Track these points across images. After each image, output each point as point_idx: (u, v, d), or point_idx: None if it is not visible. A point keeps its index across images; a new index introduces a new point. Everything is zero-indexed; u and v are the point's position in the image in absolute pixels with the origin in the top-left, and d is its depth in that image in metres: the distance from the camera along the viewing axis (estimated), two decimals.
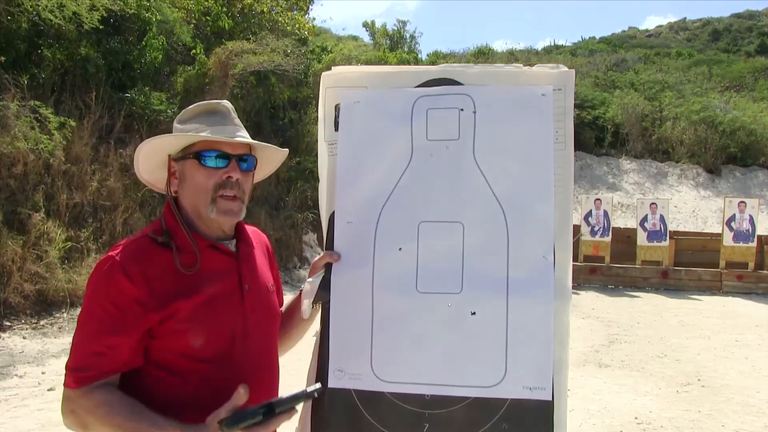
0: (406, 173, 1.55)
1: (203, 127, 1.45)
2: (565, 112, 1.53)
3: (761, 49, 28.60)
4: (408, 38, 23.62)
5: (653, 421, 4.71)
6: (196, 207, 1.44)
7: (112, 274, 1.34)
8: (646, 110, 18.06)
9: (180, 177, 1.46)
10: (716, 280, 11.23)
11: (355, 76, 1.63)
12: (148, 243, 1.40)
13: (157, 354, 1.37)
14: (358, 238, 1.54)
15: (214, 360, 1.38)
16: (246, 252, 1.52)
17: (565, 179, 1.52)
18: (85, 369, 1.32)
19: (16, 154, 7.69)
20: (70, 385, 1.33)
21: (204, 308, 1.38)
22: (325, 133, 1.62)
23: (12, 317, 6.96)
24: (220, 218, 1.43)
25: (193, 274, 1.38)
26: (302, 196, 11.68)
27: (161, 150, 1.48)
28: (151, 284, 1.34)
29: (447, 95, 1.55)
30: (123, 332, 1.32)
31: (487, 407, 1.44)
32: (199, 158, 1.42)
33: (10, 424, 4.39)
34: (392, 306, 1.50)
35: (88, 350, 1.33)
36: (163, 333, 1.35)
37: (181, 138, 1.44)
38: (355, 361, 1.50)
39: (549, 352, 1.43)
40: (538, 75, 1.54)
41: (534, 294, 1.45)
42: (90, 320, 1.35)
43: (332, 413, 1.50)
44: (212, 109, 1.49)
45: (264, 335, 1.50)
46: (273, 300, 1.57)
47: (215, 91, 10.66)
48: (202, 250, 1.42)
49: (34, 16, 8.88)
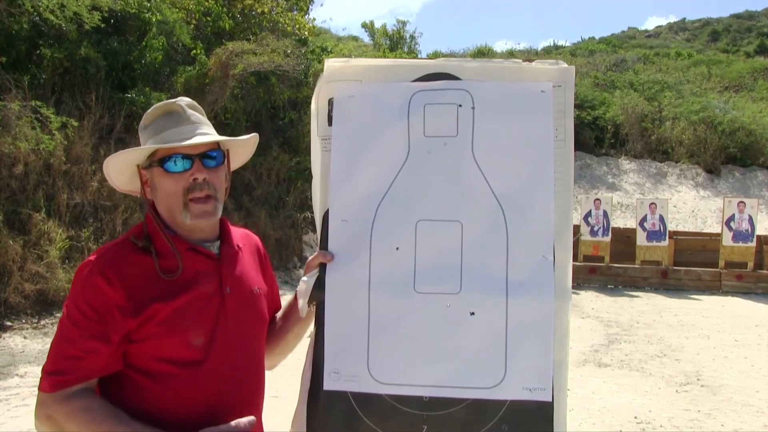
0: (403, 170, 1.50)
1: (159, 130, 1.43)
2: (565, 109, 1.49)
3: (760, 50, 28.62)
4: (408, 38, 23.64)
5: (653, 421, 4.72)
6: (171, 213, 1.43)
7: (92, 278, 1.33)
8: (646, 110, 18.05)
9: (151, 185, 1.45)
10: (716, 280, 11.23)
11: (350, 69, 1.57)
12: (128, 247, 1.39)
13: (135, 358, 1.35)
14: (353, 237, 1.50)
15: (192, 364, 1.36)
16: (229, 254, 1.49)
17: (566, 178, 1.49)
18: (61, 372, 1.30)
19: (17, 154, 7.70)
20: (45, 389, 1.30)
21: (182, 312, 1.36)
22: (318, 127, 1.58)
23: (12, 317, 6.97)
24: (195, 222, 1.41)
25: (172, 279, 1.37)
26: (302, 196, 11.69)
27: (127, 164, 1.46)
28: (129, 288, 1.33)
29: (445, 90, 1.50)
30: (101, 337, 1.31)
31: (486, 409, 1.41)
32: (162, 165, 1.40)
33: (11, 424, 4.39)
34: (389, 306, 1.46)
35: (65, 354, 1.31)
36: (140, 337, 1.34)
37: (138, 151, 1.43)
38: (351, 362, 1.47)
39: (549, 353, 1.41)
40: (537, 71, 1.50)
41: (534, 294, 1.42)
42: (68, 324, 1.33)
43: (328, 415, 1.47)
44: (168, 110, 1.46)
45: (247, 339, 1.47)
46: (258, 303, 1.54)
47: (215, 91, 10.68)
48: (183, 252, 1.40)
49: (35, 17, 8.89)
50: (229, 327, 1.42)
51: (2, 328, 6.71)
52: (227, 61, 10.87)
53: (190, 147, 1.40)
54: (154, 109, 1.48)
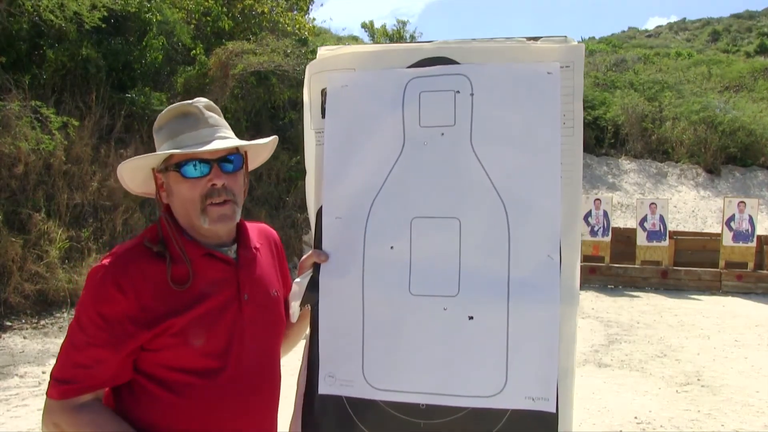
0: (398, 164, 1.40)
1: (176, 133, 1.37)
2: (573, 92, 1.34)
3: (761, 50, 28.58)
4: (408, 38, 23.62)
5: (653, 421, 4.72)
6: (187, 218, 1.38)
7: (104, 286, 1.28)
8: (646, 110, 18.05)
9: (167, 189, 1.40)
10: (716, 280, 11.22)
11: (342, 57, 1.45)
12: (142, 252, 1.34)
13: (148, 366, 1.31)
14: (347, 235, 1.43)
15: (209, 373, 1.32)
16: (247, 257, 1.44)
17: (574, 169, 1.34)
18: (69, 381, 1.27)
19: (17, 154, 7.70)
20: (53, 396, 1.27)
21: (198, 322, 1.31)
22: (311, 120, 1.50)
23: (12, 317, 6.97)
24: (214, 227, 1.37)
25: (188, 287, 1.32)
26: (302, 196, 11.68)
27: (142, 168, 1.41)
28: (142, 300, 1.28)
29: (441, 76, 1.37)
30: (111, 347, 1.27)
31: (486, 418, 1.32)
32: (179, 170, 1.35)
33: (11, 424, 4.39)
34: (384, 309, 1.38)
35: (74, 361, 1.28)
36: (154, 347, 1.30)
37: (154, 157, 1.37)
38: (346, 367, 1.40)
39: (553, 360, 1.30)
40: (543, 51, 1.35)
41: (537, 297, 1.31)
42: (79, 330, 1.29)
43: (323, 420, 1.42)
44: (184, 112, 1.40)
45: (264, 347, 1.43)
46: (276, 308, 1.49)
47: (215, 91, 10.68)
48: (198, 259, 1.35)
49: (35, 17, 8.89)
50: (247, 335, 1.38)
51: (2, 328, 6.70)
52: (227, 61, 10.87)
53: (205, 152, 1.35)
54: (169, 110, 1.42)
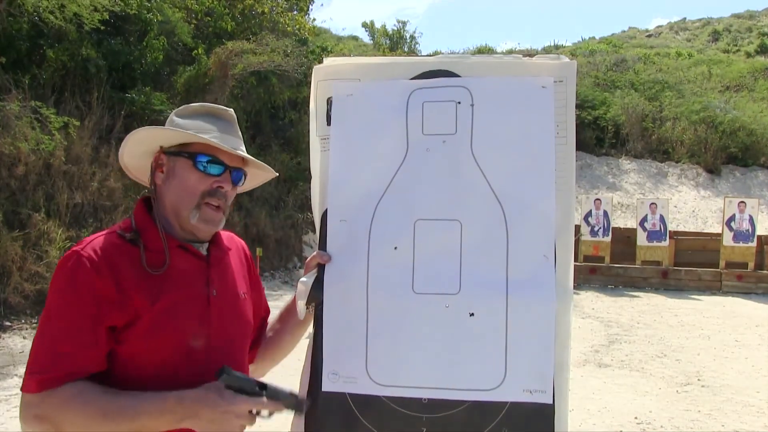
0: (402, 169, 1.48)
1: (208, 128, 1.39)
2: (566, 105, 1.46)
3: (761, 49, 28.56)
4: (408, 38, 23.64)
5: (653, 421, 4.72)
6: (177, 207, 1.37)
7: (80, 268, 1.25)
8: (647, 110, 18.07)
9: (167, 172, 1.39)
10: (716, 280, 11.23)
11: (347, 68, 1.55)
12: (114, 239, 1.32)
13: (119, 363, 1.30)
14: (351, 236, 1.48)
15: (176, 368, 1.32)
16: (218, 256, 1.45)
17: (567, 175, 1.45)
18: (47, 370, 1.22)
19: (17, 154, 7.71)
20: (31, 389, 1.22)
21: (166, 314, 1.30)
22: (317, 127, 1.56)
23: (12, 317, 6.97)
24: (200, 225, 1.37)
25: (158, 276, 1.31)
26: (302, 196, 11.71)
27: (155, 140, 1.40)
28: (117, 280, 1.26)
29: (443, 87, 1.48)
30: (92, 330, 1.24)
31: (486, 411, 1.39)
32: (193, 159, 1.36)
33: (10, 424, 4.39)
34: (387, 307, 1.44)
35: (50, 350, 1.24)
36: (124, 339, 1.28)
37: (183, 135, 1.37)
38: (349, 364, 1.44)
39: (550, 355, 1.38)
40: (538, 66, 1.48)
41: (534, 294, 1.39)
42: (56, 319, 1.25)
43: (327, 417, 1.45)
44: (218, 114, 1.44)
45: (231, 344, 1.44)
46: (244, 309, 1.50)
47: (215, 91, 10.68)
48: (171, 249, 1.35)
49: (35, 17, 8.90)
50: (214, 331, 1.38)
51: (2, 328, 6.71)
52: (227, 61, 10.88)
53: (227, 156, 1.39)
54: (201, 105, 1.45)
